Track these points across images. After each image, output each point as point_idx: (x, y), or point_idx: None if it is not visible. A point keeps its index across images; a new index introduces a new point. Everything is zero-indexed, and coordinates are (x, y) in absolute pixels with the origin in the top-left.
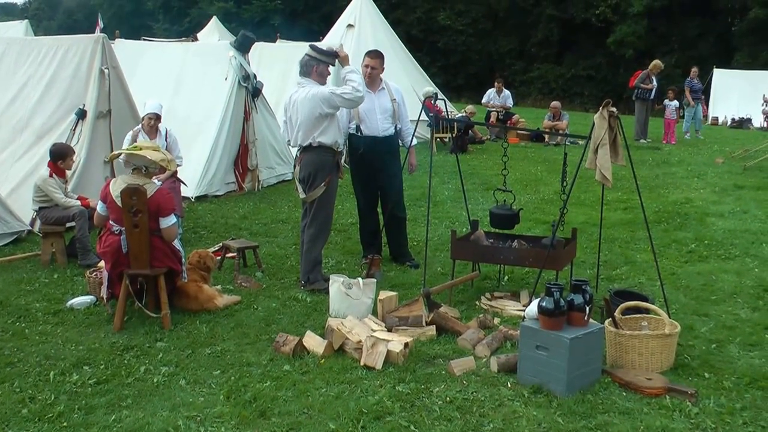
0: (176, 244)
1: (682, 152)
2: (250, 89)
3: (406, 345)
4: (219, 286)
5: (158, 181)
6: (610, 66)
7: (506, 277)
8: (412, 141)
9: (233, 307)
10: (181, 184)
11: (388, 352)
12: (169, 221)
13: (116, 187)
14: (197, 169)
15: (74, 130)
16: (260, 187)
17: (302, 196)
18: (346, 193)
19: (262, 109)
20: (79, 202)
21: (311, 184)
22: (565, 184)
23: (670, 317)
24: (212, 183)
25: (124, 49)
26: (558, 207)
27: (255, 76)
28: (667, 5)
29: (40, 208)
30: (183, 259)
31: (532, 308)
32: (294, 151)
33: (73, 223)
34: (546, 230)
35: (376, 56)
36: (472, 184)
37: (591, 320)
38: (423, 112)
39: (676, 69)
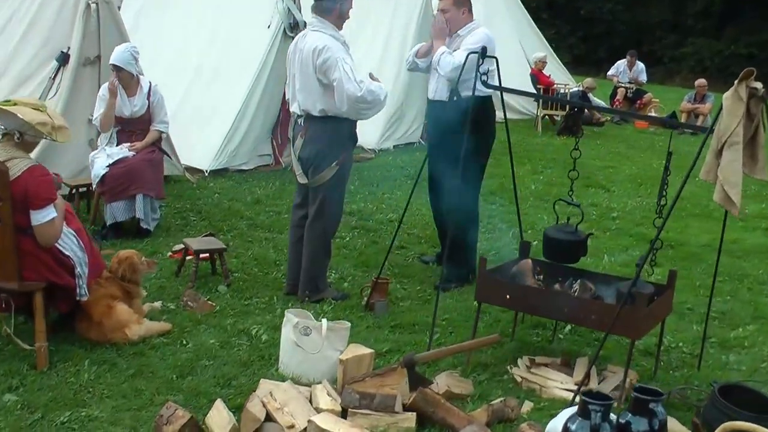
0: (69, 245)
1: None
2: None
3: None
4: (158, 303)
5: (130, 150)
6: None
7: (568, 327)
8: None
9: (152, 340)
10: (164, 156)
11: None
12: (43, 216)
13: None
14: (219, 135)
15: (54, 78)
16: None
17: (303, 180)
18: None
19: None
20: None
21: (318, 165)
22: (663, 200)
23: None
24: (237, 154)
25: None
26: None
27: (306, 25)
28: None
29: None
30: (81, 268)
31: (556, 425)
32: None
33: None
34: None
35: None
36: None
37: None
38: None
39: None
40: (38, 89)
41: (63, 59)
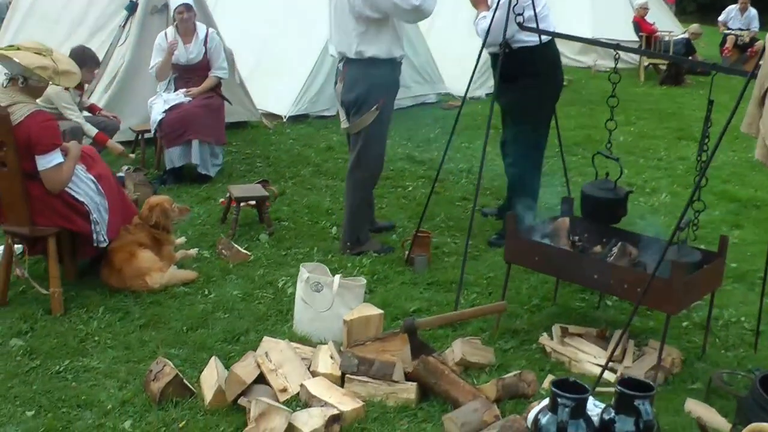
0: (84, 191)
1: None
2: None
3: (334, 419)
4: (194, 251)
5: (186, 96)
6: None
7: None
8: None
9: (174, 289)
10: (225, 103)
11: (293, 430)
12: (48, 161)
13: None
14: (298, 81)
15: (123, 26)
16: None
17: (344, 126)
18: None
19: None
20: (94, 130)
21: (358, 109)
22: (704, 154)
23: None
24: (317, 100)
25: None
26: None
27: None
28: None
29: None
30: (99, 214)
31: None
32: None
33: None
34: (730, 213)
35: None
36: (664, 130)
37: None
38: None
39: None
40: (110, 37)
41: (132, 8)
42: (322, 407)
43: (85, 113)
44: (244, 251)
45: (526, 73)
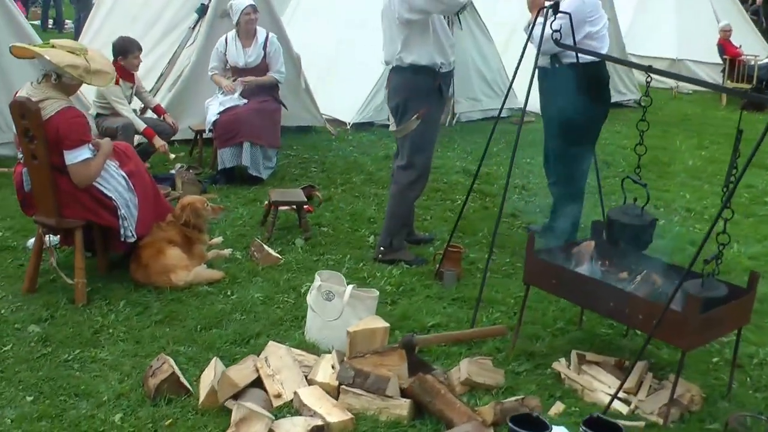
0: (114, 186)
1: None
2: None
3: (318, 430)
4: (227, 251)
5: (241, 81)
6: None
7: None
8: None
9: (198, 288)
10: (281, 107)
11: None
12: (75, 156)
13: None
14: (365, 89)
15: (193, 28)
16: (454, 121)
17: (392, 128)
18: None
19: (471, 25)
20: (143, 124)
21: (401, 117)
22: (731, 183)
23: None
24: (383, 108)
25: None
26: None
27: None
28: None
29: (97, 114)
30: (128, 209)
31: None
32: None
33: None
34: None
35: None
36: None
37: None
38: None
39: None
40: (180, 38)
41: (202, 11)
42: (309, 417)
43: (149, 113)
44: (275, 254)
45: (572, 90)
